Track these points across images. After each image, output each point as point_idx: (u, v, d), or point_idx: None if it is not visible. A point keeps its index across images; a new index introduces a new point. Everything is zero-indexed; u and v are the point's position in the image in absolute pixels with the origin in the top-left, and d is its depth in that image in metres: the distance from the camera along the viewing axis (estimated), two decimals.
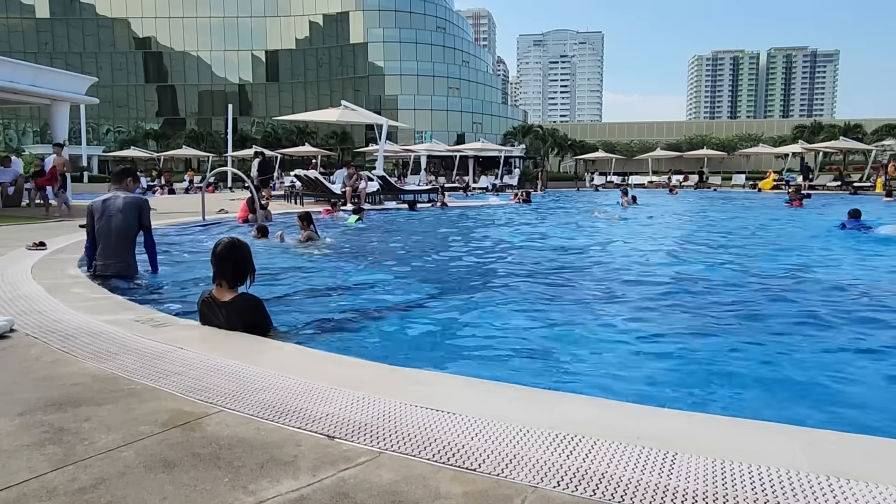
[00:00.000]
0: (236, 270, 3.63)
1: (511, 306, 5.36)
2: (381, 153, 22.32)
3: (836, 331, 4.53)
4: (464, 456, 1.97)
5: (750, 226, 13.85)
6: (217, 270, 3.62)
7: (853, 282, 6.52)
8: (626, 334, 4.43)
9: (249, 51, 66.26)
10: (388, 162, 35.72)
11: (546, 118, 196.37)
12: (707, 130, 63.90)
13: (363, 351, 3.89)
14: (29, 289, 4.84)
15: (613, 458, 1.94)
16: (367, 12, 63.37)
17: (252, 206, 12.00)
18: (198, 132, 53.46)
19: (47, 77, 16.11)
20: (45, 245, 7.28)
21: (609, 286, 6.28)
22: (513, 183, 33.75)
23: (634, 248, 9.93)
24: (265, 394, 2.52)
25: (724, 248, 9.84)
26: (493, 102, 70.47)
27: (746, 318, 4.90)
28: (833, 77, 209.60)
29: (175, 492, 1.77)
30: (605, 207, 18.58)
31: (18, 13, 64.19)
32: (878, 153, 36.83)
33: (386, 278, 6.79)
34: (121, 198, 5.67)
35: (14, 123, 65.86)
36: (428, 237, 11.37)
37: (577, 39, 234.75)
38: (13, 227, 10.35)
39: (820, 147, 35.81)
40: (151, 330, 3.57)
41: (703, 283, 6.51)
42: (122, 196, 5.70)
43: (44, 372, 2.87)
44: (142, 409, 2.40)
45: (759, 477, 1.81)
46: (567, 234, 12.14)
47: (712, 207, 21.11)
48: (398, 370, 2.96)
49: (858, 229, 10.83)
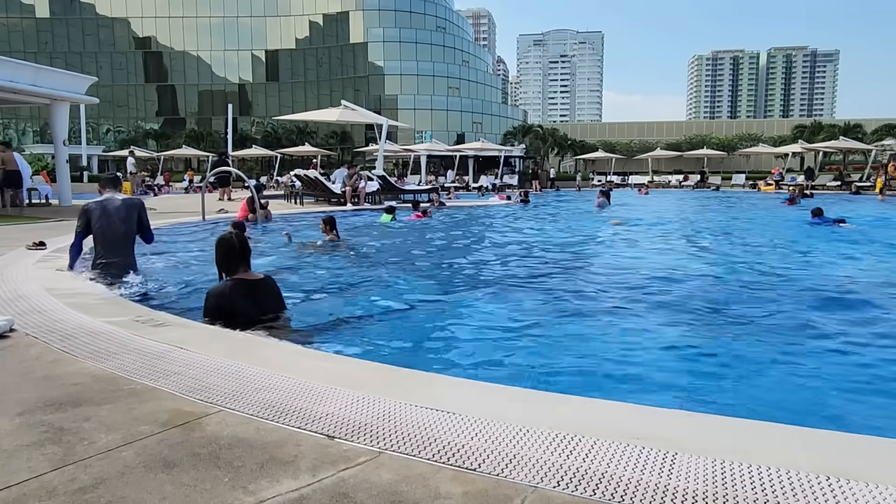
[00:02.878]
0: (250, 254, 4.03)
1: (511, 307, 5.36)
2: (381, 153, 22.33)
3: (835, 330, 4.52)
4: (464, 456, 1.97)
5: (739, 225, 14.13)
6: (238, 260, 3.95)
7: (843, 278, 6.53)
8: (626, 334, 4.43)
9: (249, 50, 66.23)
10: (388, 162, 35.71)
11: (546, 118, 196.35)
12: (707, 130, 63.89)
13: (363, 351, 3.89)
14: (29, 288, 4.84)
15: (613, 458, 1.94)
16: (367, 12, 63.33)
17: (252, 206, 12.01)
18: (198, 132, 53.46)
19: (47, 77, 16.08)
20: (44, 245, 7.28)
21: (609, 287, 6.28)
22: (513, 183, 33.75)
23: (633, 248, 9.93)
24: (265, 393, 2.52)
25: (720, 247, 9.86)
26: (493, 102, 70.43)
27: (746, 318, 4.90)
28: (833, 77, 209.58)
29: (175, 492, 1.77)
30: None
31: (18, 13, 64.17)
32: (878, 153, 36.83)
33: (386, 278, 6.79)
34: (119, 199, 5.74)
35: (14, 123, 65.83)
36: (427, 237, 11.37)
37: (577, 39, 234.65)
38: (13, 226, 10.35)
39: (820, 147, 35.81)
40: (151, 330, 3.57)
41: (703, 284, 6.51)
42: (120, 197, 5.79)
43: (43, 372, 2.87)
44: (142, 409, 2.40)
45: (759, 477, 1.80)
46: (566, 234, 12.13)
47: (691, 206, 21.16)
48: (398, 370, 2.96)
49: (820, 225, 12.44)
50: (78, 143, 35.95)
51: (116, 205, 5.67)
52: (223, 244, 3.97)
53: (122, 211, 5.65)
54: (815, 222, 12.67)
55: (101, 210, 5.62)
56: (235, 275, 3.93)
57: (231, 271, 3.95)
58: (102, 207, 5.64)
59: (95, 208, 5.64)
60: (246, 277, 3.94)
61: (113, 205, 5.66)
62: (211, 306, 3.87)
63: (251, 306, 3.85)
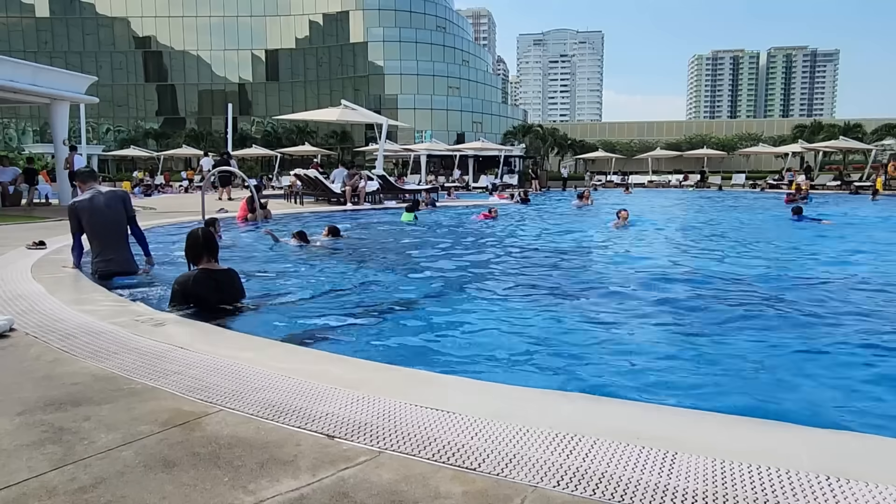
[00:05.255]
0: (216, 246, 4.50)
1: (511, 307, 5.36)
2: (381, 152, 22.32)
3: (835, 329, 4.52)
4: (464, 455, 1.97)
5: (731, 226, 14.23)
6: (202, 251, 4.40)
7: (844, 276, 6.53)
8: (626, 334, 4.43)
9: (249, 50, 66.17)
10: (388, 161, 35.71)
11: (546, 118, 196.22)
12: (707, 130, 63.75)
13: (363, 351, 3.89)
14: (28, 288, 4.84)
15: (613, 457, 1.94)
16: (367, 12, 63.27)
17: (252, 206, 12.02)
18: (198, 131, 53.43)
19: (47, 76, 16.07)
20: (44, 244, 7.29)
21: (608, 287, 6.28)
22: (513, 182, 33.73)
23: (632, 249, 9.93)
24: (265, 393, 2.52)
25: (718, 247, 9.86)
26: (492, 102, 70.34)
27: (747, 317, 4.90)
28: (833, 77, 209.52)
29: (175, 491, 1.77)
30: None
31: (18, 12, 64.11)
32: (877, 153, 36.82)
33: (387, 278, 6.79)
34: (102, 193, 5.80)
35: (14, 123, 65.82)
36: (427, 238, 11.37)
37: (577, 39, 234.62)
38: (13, 226, 10.34)
39: (820, 147, 35.79)
40: (151, 329, 3.57)
41: (701, 283, 6.50)
42: (103, 191, 5.86)
43: (43, 371, 2.87)
44: (141, 409, 2.40)
45: (759, 477, 1.80)
46: (565, 235, 12.13)
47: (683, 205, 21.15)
48: (398, 370, 2.96)
49: (800, 221, 13.09)
50: (78, 143, 35.94)
51: (102, 199, 5.73)
52: (190, 237, 4.44)
53: (108, 204, 5.72)
54: (795, 220, 13.17)
55: (89, 207, 5.64)
56: (200, 264, 4.38)
57: (196, 261, 4.41)
58: (90, 204, 5.66)
59: (83, 206, 5.65)
60: (209, 267, 4.38)
61: (99, 200, 5.71)
62: (176, 292, 4.31)
63: (211, 293, 4.32)
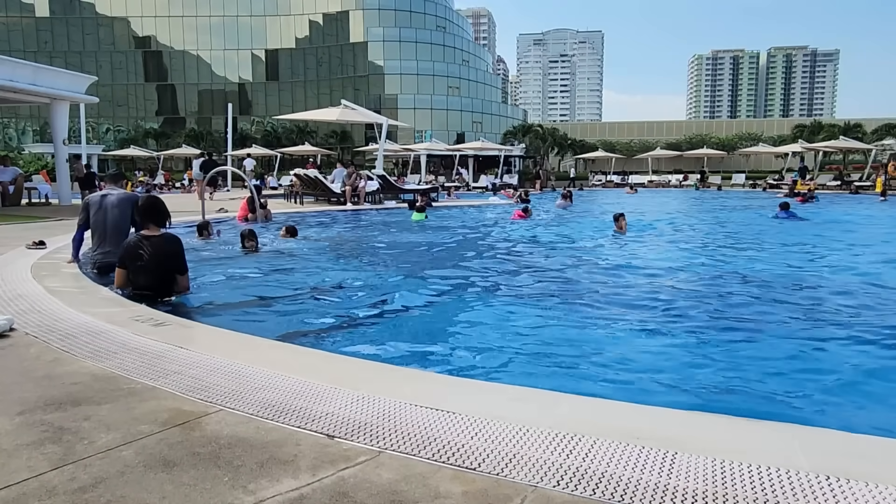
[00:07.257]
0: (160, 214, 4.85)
1: (511, 307, 5.36)
2: (380, 152, 22.31)
3: (836, 329, 4.52)
4: (463, 455, 1.97)
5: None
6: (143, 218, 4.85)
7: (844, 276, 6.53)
8: (626, 334, 4.43)
9: (249, 50, 66.12)
10: (388, 161, 35.69)
11: (546, 117, 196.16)
12: (707, 130, 63.63)
13: (363, 351, 3.89)
14: (28, 288, 4.84)
15: (613, 457, 1.94)
16: (367, 11, 63.23)
17: (252, 206, 12.01)
18: (198, 131, 53.35)
19: (47, 76, 16.07)
20: (44, 244, 7.29)
21: (608, 287, 6.28)
22: (513, 182, 33.72)
23: (631, 249, 9.93)
24: (265, 393, 2.52)
25: (717, 248, 9.86)
26: (492, 102, 70.27)
27: (746, 317, 4.90)
28: (833, 77, 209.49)
29: (175, 491, 1.77)
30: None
31: (18, 12, 64.05)
32: (877, 153, 36.82)
33: (387, 278, 6.79)
34: (115, 194, 6.11)
35: (14, 122, 65.79)
36: (427, 238, 11.37)
37: (577, 39, 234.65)
38: (13, 226, 10.34)
39: (820, 146, 35.76)
40: (151, 329, 3.57)
41: (699, 283, 6.51)
42: (117, 192, 6.17)
43: (43, 371, 2.87)
44: (141, 409, 2.40)
45: (759, 477, 1.80)
46: (564, 235, 12.13)
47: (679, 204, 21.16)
48: (398, 370, 2.96)
49: (788, 218, 13.31)
50: (78, 143, 35.91)
51: (113, 199, 6.01)
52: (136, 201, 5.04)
53: (117, 205, 5.98)
54: (781, 216, 13.32)
55: (99, 203, 5.97)
56: (142, 230, 4.84)
57: (138, 227, 4.96)
58: (101, 201, 5.99)
59: (94, 200, 6.02)
60: (147, 233, 4.79)
61: (110, 199, 6.00)
62: (119, 255, 4.83)
63: (145, 256, 4.69)
